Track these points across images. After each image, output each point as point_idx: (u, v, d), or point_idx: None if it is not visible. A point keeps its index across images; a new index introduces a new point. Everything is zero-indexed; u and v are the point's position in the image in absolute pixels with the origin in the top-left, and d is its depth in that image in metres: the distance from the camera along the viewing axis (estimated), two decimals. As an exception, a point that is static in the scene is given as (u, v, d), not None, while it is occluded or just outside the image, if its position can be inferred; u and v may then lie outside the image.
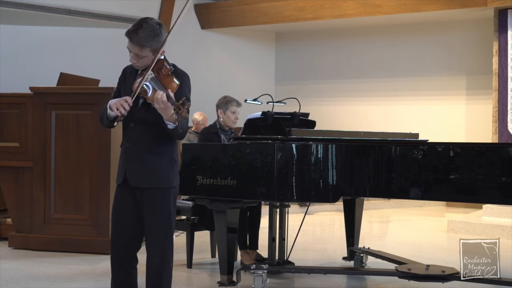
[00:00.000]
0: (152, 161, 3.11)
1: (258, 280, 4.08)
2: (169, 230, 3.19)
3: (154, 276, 3.18)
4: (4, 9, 8.58)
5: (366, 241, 5.86)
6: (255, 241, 5.17)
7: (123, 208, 3.20)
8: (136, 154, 3.13)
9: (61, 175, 5.67)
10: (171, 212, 3.20)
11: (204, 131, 5.26)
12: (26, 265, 5.12)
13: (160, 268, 3.17)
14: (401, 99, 10.54)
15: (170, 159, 3.17)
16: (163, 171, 3.14)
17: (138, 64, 3.09)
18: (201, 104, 9.33)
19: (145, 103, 3.08)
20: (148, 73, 3.01)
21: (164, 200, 3.15)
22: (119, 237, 3.21)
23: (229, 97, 5.21)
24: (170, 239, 3.22)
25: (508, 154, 3.60)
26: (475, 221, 7.22)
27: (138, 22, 3.04)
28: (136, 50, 3.03)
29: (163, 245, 3.18)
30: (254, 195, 4.08)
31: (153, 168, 3.12)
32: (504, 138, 8.41)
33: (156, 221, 3.15)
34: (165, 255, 3.18)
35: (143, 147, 3.12)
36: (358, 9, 9.68)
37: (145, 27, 3.01)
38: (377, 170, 3.85)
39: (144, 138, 3.11)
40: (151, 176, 3.11)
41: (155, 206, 3.14)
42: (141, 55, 3.04)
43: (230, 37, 11.29)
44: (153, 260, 3.17)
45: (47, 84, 6.34)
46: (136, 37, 3.00)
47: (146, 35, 3.00)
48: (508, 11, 8.48)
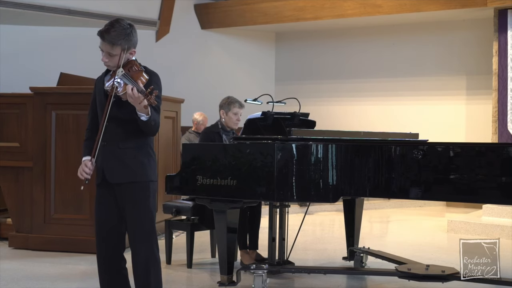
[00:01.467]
0: (128, 156, 3.18)
1: (258, 280, 4.08)
2: (151, 223, 3.21)
3: (142, 271, 3.18)
4: (4, 9, 8.58)
5: (366, 241, 5.86)
6: (255, 241, 5.17)
7: (104, 207, 3.26)
8: (112, 151, 3.19)
9: (61, 175, 5.67)
10: (151, 206, 3.22)
11: (206, 130, 5.26)
12: (26, 265, 5.12)
13: (146, 263, 3.17)
14: (401, 99, 10.54)
15: (145, 154, 3.23)
16: (140, 165, 3.19)
17: (110, 63, 3.17)
18: (201, 104, 9.37)
19: (117, 101, 3.13)
20: (119, 70, 3.11)
21: (143, 193, 3.19)
22: (102, 236, 3.26)
23: (232, 98, 5.20)
24: (153, 233, 3.23)
25: (508, 154, 3.60)
26: (475, 221, 7.22)
27: (110, 22, 3.17)
28: (107, 48, 3.12)
29: (147, 239, 3.19)
30: (254, 195, 4.08)
31: (130, 163, 3.17)
32: (504, 138, 8.41)
33: (137, 216, 3.18)
34: (150, 249, 3.19)
35: (118, 144, 3.18)
36: (358, 9, 9.68)
37: (116, 26, 3.13)
38: (377, 170, 3.85)
39: (119, 135, 3.17)
40: (129, 171, 3.17)
41: (134, 200, 3.17)
42: (112, 53, 3.12)
43: (230, 37, 11.29)
44: (138, 256, 3.18)
45: (47, 84, 6.34)
46: (108, 35, 3.10)
47: (117, 34, 3.10)
48: (508, 11, 8.48)
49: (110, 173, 3.20)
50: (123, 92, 3.06)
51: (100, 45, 3.15)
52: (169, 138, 6.66)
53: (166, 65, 9.95)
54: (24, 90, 6.06)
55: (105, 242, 3.27)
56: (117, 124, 3.16)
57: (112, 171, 3.19)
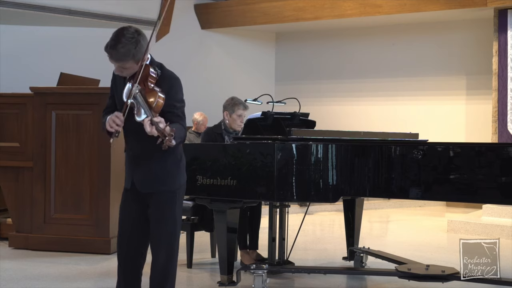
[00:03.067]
0: (157, 167, 3.12)
1: (258, 280, 4.08)
2: (175, 230, 3.19)
3: (159, 275, 3.16)
4: (4, 9, 8.58)
5: (366, 241, 5.86)
6: (255, 241, 5.16)
7: (130, 211, 3.21)
8: (140, 163, 3.14)
9: (61, 175, 5.67)
10: (177, 212, 3.20)
11: (208, 131, 5.18)
12: (26, 265, 5.12)
13: (165, 268, 3.16)
14: (401, 99, 10.54)
15: (174, 160, 3.17)
16: (169, 174, 3.15)
17: (124, 75, 3.05)
18: (201, 104, 9.36)
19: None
20: (135, 87, 2.93)
21: (171, 201, 3.16)
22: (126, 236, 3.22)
23: (237, 100, 5.07)
24: (177, 239, 3.21)
25: (508, 154, 3.60)
26: (475, 221, 7.22)
27: (116, 35, 2.93)
28: (117, 63, 2.98)
29: (170, 245, 3.17)
30: (254, 195, 4.08)
31: (159, 173, 3.13)
32: (504, 138, 8.41)
33: (163, 222, 3.15)
34: (171, 255, 3.17)
35: (145, 155, 3.12)
36: (358, 9, 9.68)
37: (123, 41, 2.90)
38: (377, 170, 3.85)
39: (145, 146, 3.10)
40: (158, 181, 3.13)
41: (161, 207, 3.15)
42: (124, 67, 2.99)
43: (230, 37, 11.29)
44: (158, 260, 3.16)
45: (47, 84, 6.33)
46: (116, 53, 2.91)
47: (126, 50, 2.91)
48: (508, 11, 8.48)
49: (140, 183, 3.15)
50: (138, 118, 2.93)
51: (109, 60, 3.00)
52: (169, 138, 6.65)
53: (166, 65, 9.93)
54: (24, 90, 6.06)
55: (127, 242, 3.22)
56: (143, 135, 2.97)
57: (142, 181, 3.14)
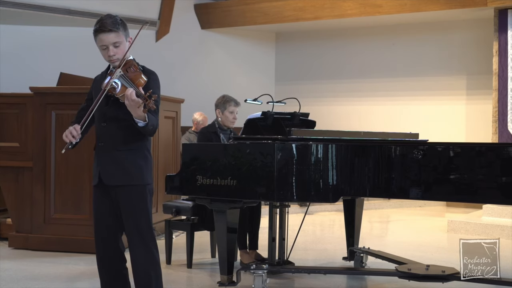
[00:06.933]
0: (125, 159, 3.14)
1: (258, 280, 4.08)
2: (148, 227, 3.18)
3: (142, 276, 3.15)
4: (4, 9, 8.58)
5: (366, 241, 5.86)
6: (255, 241, 5.17)
7: (102, 208, 3.22)
8: (109, 153, 3.16)
9: (61, 175, 5.67)
10: (148, 209, 3.20)
11: (203, 130, 5.25)
12: (26, 265, 5.12)
13: (146, 267, 3.15)
14: (401, 99, 10.54)
15: (143, 156, 3.19)
16: (137, 168, 3.16)
17: (119, 55, 3.10)
18: (201, 104, 9.35)
19: (115, 101, 3.10)
20: (118, 71, 3.05)
21: (140, 197, 3.16)
22: (101, 237, 3.24)
23: (228, 97, 5.20)
24: (152, 236, 3.20)
25: (508, 154, 3.59)
26: (475, 221, 7.22)
27: (100, 18, 3.16)
28: (110, 39, 3.07)
29: (145, 243, 3.16)
30: (254, 195, 4.08)
31: (127, 166, 3.14)
32: (504, 138, 8.41)
33: (134, 219, 3.15)
34: (150, 253, 3.16)
35: (115, 145, 3.15)
36: (358, 9, 9.68)
37: (107, 17, 3.12)
38: (377, 170, 3.85)
39: (116, 136, 3.14)
40: (125, 173, 3.14)
41: (131, 204, 3.15)
42: (116, 41, 3.09)
43: (230, 37, 11.29)
44: (138, 260, 3.15)
45: (47, 84, 6.34)
46: (106, 25, 3.07)
47: (113, 21, 3.10)
48: (508, 11, 8.48)
49: (107, 176, 3.16)
50: (121, 94, 3.02)
51: (101, 42, 3.09)
52: (169, 138, 6.66)
53: (166, 65, 9.96)
54: (24, 90, 6.06)
55: (104, 242, 3.25)
56: (116, 125, 3.13)
57: (109, 173, 3.15)
